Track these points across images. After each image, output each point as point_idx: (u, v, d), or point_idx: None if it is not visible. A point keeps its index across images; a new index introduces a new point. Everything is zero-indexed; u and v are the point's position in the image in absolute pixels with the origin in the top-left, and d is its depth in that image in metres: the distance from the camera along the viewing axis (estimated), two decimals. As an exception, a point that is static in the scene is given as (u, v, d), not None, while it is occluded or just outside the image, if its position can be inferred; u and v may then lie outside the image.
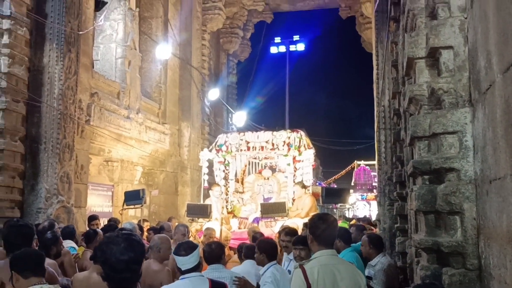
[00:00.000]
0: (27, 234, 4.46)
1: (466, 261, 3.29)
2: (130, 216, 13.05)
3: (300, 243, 5.20)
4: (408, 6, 3.88)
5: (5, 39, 8.90)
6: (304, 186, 11.31)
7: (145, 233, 9.31)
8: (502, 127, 2.63)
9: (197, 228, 10.94)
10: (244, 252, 6.09)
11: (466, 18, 3.44)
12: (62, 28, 9.90)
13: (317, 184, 25.51)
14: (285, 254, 6.24)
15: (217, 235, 9.29)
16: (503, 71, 2.55)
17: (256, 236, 7.61)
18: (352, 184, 32.86)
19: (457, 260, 3.35)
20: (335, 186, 34.16)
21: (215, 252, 4.83)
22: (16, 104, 9.11)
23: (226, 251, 6.33)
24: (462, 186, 3.35)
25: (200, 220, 11.29)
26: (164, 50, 14.71)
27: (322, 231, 3.57)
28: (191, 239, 8.31)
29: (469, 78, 3.40)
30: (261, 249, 5.44)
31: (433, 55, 3.61)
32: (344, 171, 37.32)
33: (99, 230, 7.09)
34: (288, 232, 6.26)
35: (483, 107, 3.05)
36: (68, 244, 6.91)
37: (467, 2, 3.41)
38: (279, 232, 6.99)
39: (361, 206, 32.82)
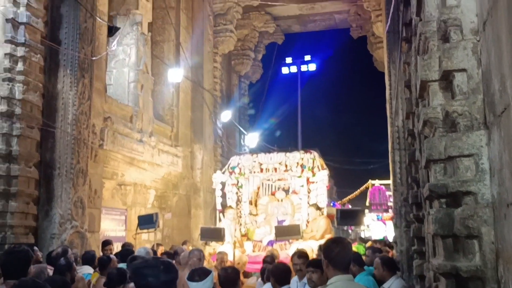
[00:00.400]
0: (23, 260, 4.48)
1: (486, 285, 3.24)
2: (144, 240, 13.03)
3: (312, 265, 5.14)
4: (420, 30, 3.87)
5: (20, 66, 9.02)
6: (318, 208, 11.24)
7: (159, 258, 9.27)
8: (519, 151, 2.59)
9: (210, 252, 10.88)
10: (266, 275, 6.08)
11: (478, 40, 3.42)
12: (76, 54, 10.03)
13: (331, 204, 25.35)
14: (295, 278, 6.15)
15: (230, 258, 9.23)
16: (519, 94, 2.52)
17: (266, 260, 7.56)
18: (367, 204, 32.58)
19: (477, 284, 3.29)
20: (350, 206, 33.89)
21: (230, 277, 4.77)
22: (30, 130, 9.19)
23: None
24: (480, 210, 3.30)
25: (213, 243, 11.23)
26: (176, 73, 14.80)
27: (337, 255, 3.51)
28: (205, 263, 8.26)
29: (484, 100, 3.37)
30: (271, 274, 5.40)
31: (446, 78, 3.59)
32: (358, 191, 37.02)
33: (112, 256, 7.06)
34: (301, 255, 6.20)
35: (498, 129, 3.02)
36: (86, 270, 6.90)
37: (479, 25, 3.39)
38: (292, 256, 6.92)
39: (377, 226, 32.49)
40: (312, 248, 9.41)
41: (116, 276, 5.07)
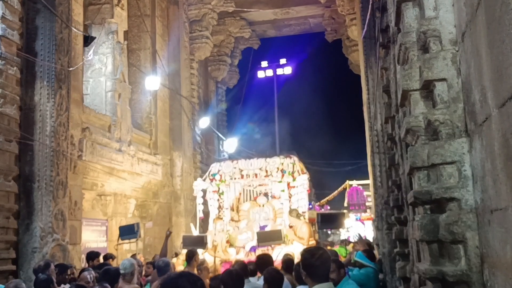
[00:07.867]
0: None
1: (472, 289, 3.31)
2: (126, 250, 12.95)
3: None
4: (400, 40, 3.95)
5: (-4, 79, 8.92)
6: (298, 215, 11.28)
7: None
8: (501, 160, 2.67)
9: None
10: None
11: (457, 51, 3.50)
12: (52, 65, 9.94)
13: (309, 206, 25.46)
14: None
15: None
16: (499, 106, 2.60)
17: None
18: (345, 205, 32.84)
19: (463, 289, 3.36)
20: (328, 207, 34.09)
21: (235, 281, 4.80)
22: (8, 143, 9.08)
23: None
24: (464, 215, 3.38)
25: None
26: (153, 81, 14.74)
27: (316, 269, 3.55)
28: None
29: (464, 109, 3.45)
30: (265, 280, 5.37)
31: (427, 87, 3.67)
32: (336, 191, 37.32)
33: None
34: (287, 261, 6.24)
35: (480, 138, 3.10)
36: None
37: (458, 36, 3.48)
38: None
39: (356, 228, 32.73)
40: (293, 253, 9.45)
41: None
